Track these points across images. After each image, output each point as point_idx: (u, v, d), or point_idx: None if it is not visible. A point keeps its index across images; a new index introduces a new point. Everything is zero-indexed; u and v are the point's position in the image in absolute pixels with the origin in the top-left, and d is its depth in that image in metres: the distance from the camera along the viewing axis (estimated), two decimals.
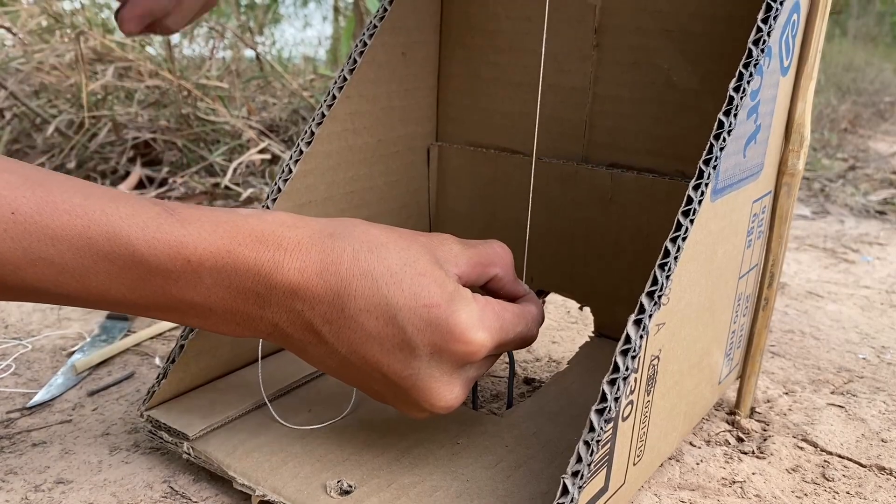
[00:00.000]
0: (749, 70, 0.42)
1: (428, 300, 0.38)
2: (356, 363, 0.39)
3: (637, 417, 0.41)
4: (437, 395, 0.40)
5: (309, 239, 0.38)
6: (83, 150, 1.27)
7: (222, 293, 0.38)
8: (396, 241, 0.40)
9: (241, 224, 0.38)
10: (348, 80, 0.55)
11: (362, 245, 0.39)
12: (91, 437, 0.53)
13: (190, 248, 0.36)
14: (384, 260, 0.38)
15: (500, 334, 0.40)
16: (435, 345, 0.38)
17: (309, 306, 0.38)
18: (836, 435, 0.56)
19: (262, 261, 0.37)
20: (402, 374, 0.39)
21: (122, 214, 0.35)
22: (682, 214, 0.40)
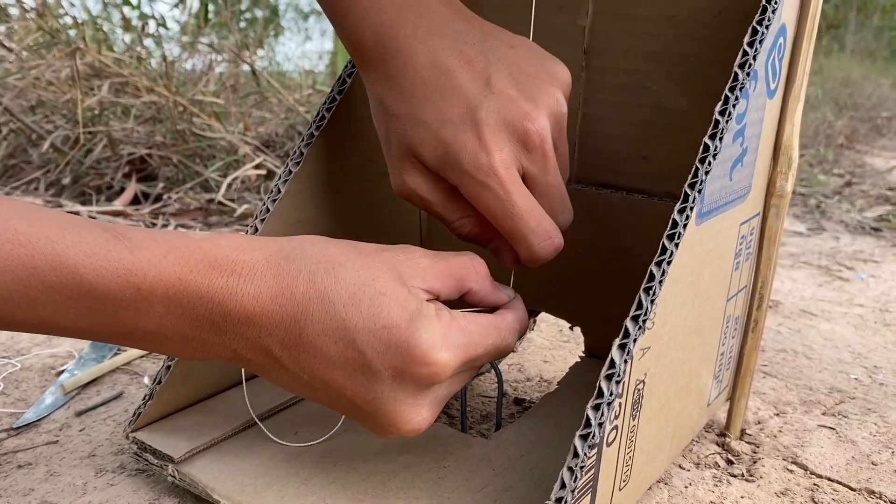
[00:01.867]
0: (734, 94, 0.42)
1: (387, 321, 0.36)
2: (319, 387, 0.38)
3: (622, 442, 0.41)
4: (403, 418, 0.38)
5: (264, 262, 0.37)
6: (78, 165, 1.27)
7: (176, 320, 0.36)
8: (355, 258, 0.38)
9: (193, 249, 0.36)
10: (337, 100, 0.55)
11: (318, 266, 0.37)
12: (77, 458, 0.52)
13: (139, 275, 0.35)
14: (341, 280, 0.37)
15: (466, 351, 0.38)
16: (396, 368, 0.37)
17: (266, 332, 0.37)
18: (826, 457, 0.56)
19: (215, 288, 0.36)
20: (365, 398, 0.38)
21: (69, 242, 0.34)
22: (666, 238, 0.40)
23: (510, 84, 0.43)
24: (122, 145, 1.33)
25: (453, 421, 0.59)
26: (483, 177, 0.41)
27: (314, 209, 0.55)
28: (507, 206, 0.42)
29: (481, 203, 0.42)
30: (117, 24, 1.93)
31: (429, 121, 0.43)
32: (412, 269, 0.39)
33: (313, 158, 0.54)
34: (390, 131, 0.45)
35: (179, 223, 1.18)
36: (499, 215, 0.42)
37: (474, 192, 0.42)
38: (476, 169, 0.41)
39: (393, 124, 0.45)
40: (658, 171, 0.56)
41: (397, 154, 0.45)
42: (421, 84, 0.43)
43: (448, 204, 0.45)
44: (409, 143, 0.44)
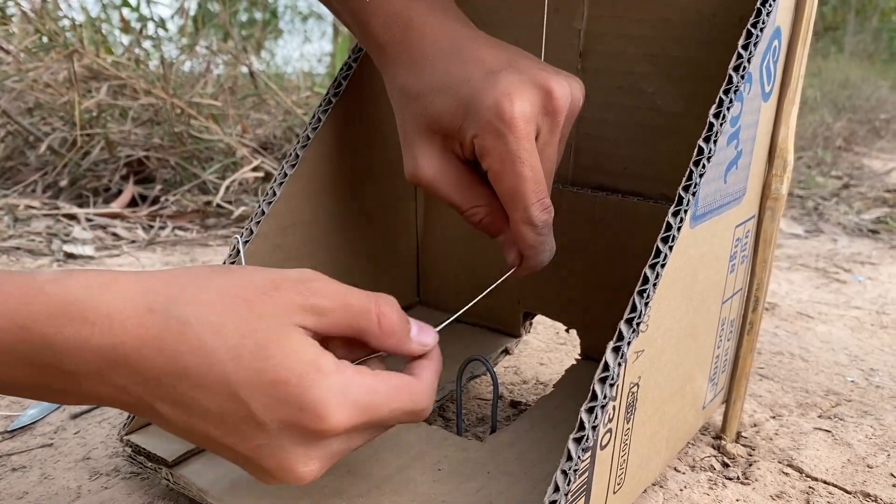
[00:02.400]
0: (729, 96, 0.42)
1: (274, 375, 0.32)
2: (198, 439, 0.35)
3: (616, 445, 0.41)
4: (289, 469, 0.34)
5: (121, 310, 0.32)
6: (76, 167, 1.27)
7: (25, 370, 0.32)
8: (237, 306, 0.33)
9: (36, 294, 0.32)
10: (333, 103, 0.55)
11: (191, 315, 0.33)
12: (72, 461, 0.52)
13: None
14: (218, 332, 0.33)
15: (367, 413, 0.35)
16: (284, 421, 0.33)
17: (133, 381, 0.33)
18: (821, 460, 0.56)
19: (63, 337, 0.32)
20: (249, 447, 0.34)
21: None
22: (661, 241, 0.40)
23: (534, 63, 0.43)
24: (120, 147, 1.33)
25: (449, 424, 0.59)
26: (501, 125, 0.41)
27: (310, 211, 0.55)
28: (516, 160, 0.42)
29: (491, 154, 0.42)
30: (116, 26, 1.93)
31: (450, 84, 0.43)
32: (305, 313, 0.35)
33: (309, 161, 0.54)
34: (409, 115, 0.45)
35: (177, 225, 1.18)
36: (504, 168, 0.42)
37: (488, 142, 0.42)
38: (496, 116, 0.41)
39: (412, 106, 0.45)
40: (654, 174, 0.56)
41: (414, 136, 0.45)
42: (440, 56, 0.44)
43: (463, 190, 0.45)
44: (430, 116, 0.44)
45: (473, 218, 0.47)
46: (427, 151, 0.45)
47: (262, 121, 1.59)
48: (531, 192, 0.42)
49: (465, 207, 0.46)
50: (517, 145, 0.41)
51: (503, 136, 0.41)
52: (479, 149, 0.43)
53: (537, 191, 0.43)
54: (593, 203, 0.59)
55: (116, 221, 1.17)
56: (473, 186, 0.45)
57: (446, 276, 0.70)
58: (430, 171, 0.45)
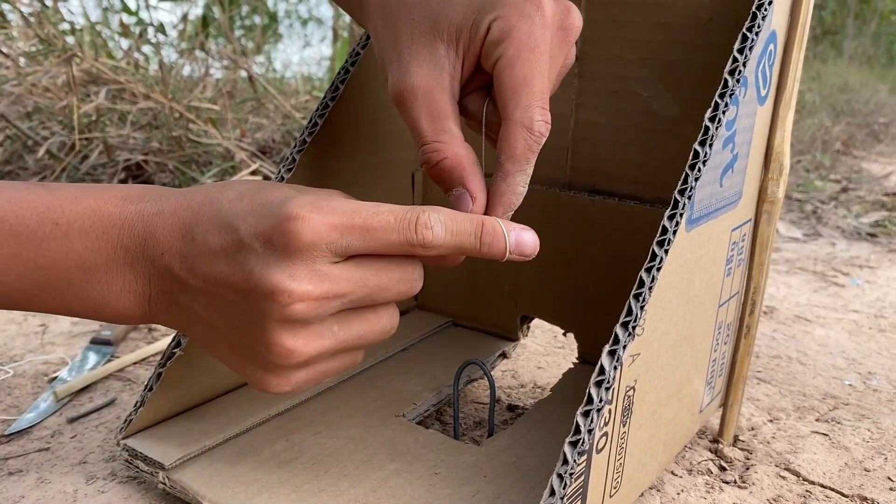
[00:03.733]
0: (724, 100, 0.42)
1: (262, 201, 0.37)
2: (207, 294, 0.37)
3: (612, 449, 0.41)
4: (278, 287, 0.35)
5: (171, 192, 0.39)
6: (74, 171, 1.27)
7: (93, 256, 0.37)
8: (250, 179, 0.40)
9: (110, 187, 0.39)
10: (330, 106, 0.55)
11: (215, 185, 0.39)
12: (68, 465, 0.52)
13: (57, 211, 0.37)
14: (232, 187, 0.39)
15: (343, 215, 0.35)
16: (264, 235, 0.35)
17: (166, 247, 0.38)
18: (819, 464, 0.56)
19: (125, 214, 0.38)
20: (241, 277, 0.36)
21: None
22: (656, 244, 0.40)
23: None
24: (119, 151, 1.33)
25: (446, 427, 0.59)
26: (530, 6, 0.39)
27: None
28: (535, 47, 0.39)
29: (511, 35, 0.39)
30: (116, 31, 1.94)
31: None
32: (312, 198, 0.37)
33: (306, 165, 0.54)
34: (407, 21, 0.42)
35: None
36: (521, 55, 0.39)
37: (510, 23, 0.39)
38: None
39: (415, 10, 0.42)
40: (650, 177, 0.57)
41: (411, 42, 0.41)
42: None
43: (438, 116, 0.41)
44: (437, 15, 0.41)
45: (432, 156, 0.41)
46: (420, 58, 0.41)
47: (261, 125, 1.59)
48: (538, 89, 0.39)
49: (429, 139, 0.41)
50: (542, 31, 0.39)
51: (530, 17, 0.39)
52: (497, 33, 0.39)
53: (542, 93, 0.40)
54: (589, 206, 0.59)
55: None
56: (449, 119, 0.41)
57: (444, 280, 0.70)
58: (416, 79, 0.41)
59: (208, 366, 0.52)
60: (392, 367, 0.62)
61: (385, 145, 0.62)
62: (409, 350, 0.66)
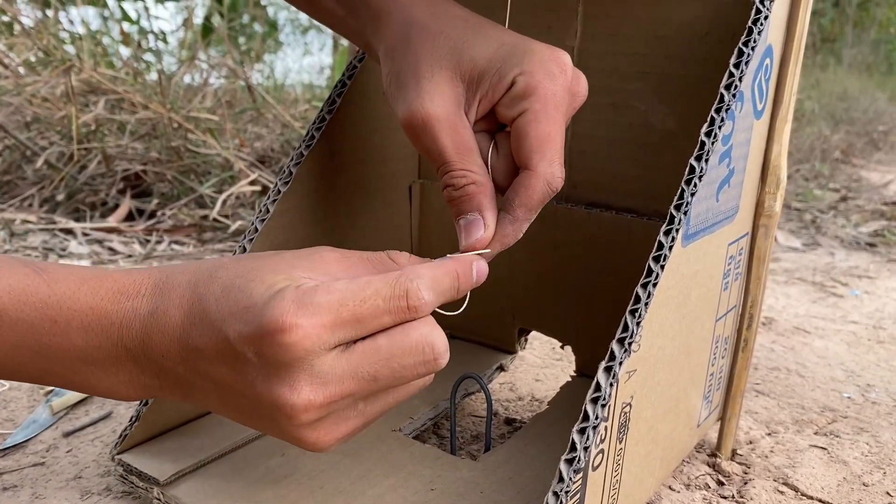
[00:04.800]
0: (720, 115, 0.42)
1: (247, 302, 0.34)
2: (220, 393, 0.37)
3: (609, 466, 0.40)
4: (281, 401, 0.34)
5: (164, 281, 0.37)
6: (73, 181, 1.27)
7: (95, 352, 0.37)
8: (244, 258, 0.38)
9: (105, 279, 0.37)
10: (327, 120, 0.55)
11: (203, 272, 0.37)
12: (63, 480, 0.52)
13: (55, 308, 0.36)
14: (219, 279, 0.36)
15: (329, 310, 0.34)
16: (254, 345, 0.34)
17: (164, 352, 0.36)
18: (817, 478, 0.55)
19: (122, 312, 0.36)
20: (245, 384, 0.35)
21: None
22: (652, 260, 0.40)
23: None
24: (117, 161, 1.33)
25: (443, 441, 0.59)
26: (555, 67, 0.41)
27: (303, 228, 0.55)
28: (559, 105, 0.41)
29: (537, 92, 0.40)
30: (117, 40, 1.94)
31: (485, 31, 0.43)
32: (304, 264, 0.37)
33: (303, 177, 0.54)
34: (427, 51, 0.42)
35: (173, 239, 1.18)
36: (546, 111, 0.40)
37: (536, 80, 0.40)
38: (552, 59, 0.41)
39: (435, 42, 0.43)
40: (647, 191, 0.56)
41: (431, 72, 0.42)
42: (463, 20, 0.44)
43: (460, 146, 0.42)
44: (459, 55, 0.42)
45: (461, 180, 0.42)
46: (441, 90, 0.42)
47: (260, 134, 1.59)
48: (559, 147, 0.41)
49: (456, 166, 0.42)
50: (563, 93, 0.41)
51: (555, 77, 0.41)
52: (522, 87, 0.40)
53: (561, 151, 0.41)
54: (587, 220, 0.59)
55: (113, 236, 1.17)
56: (475, 151, 0.42)
57: None
58: (439, 109, 0.41)
59: None
60: None
61: (382, 158, 0.62)
62: None
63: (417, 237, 0.69)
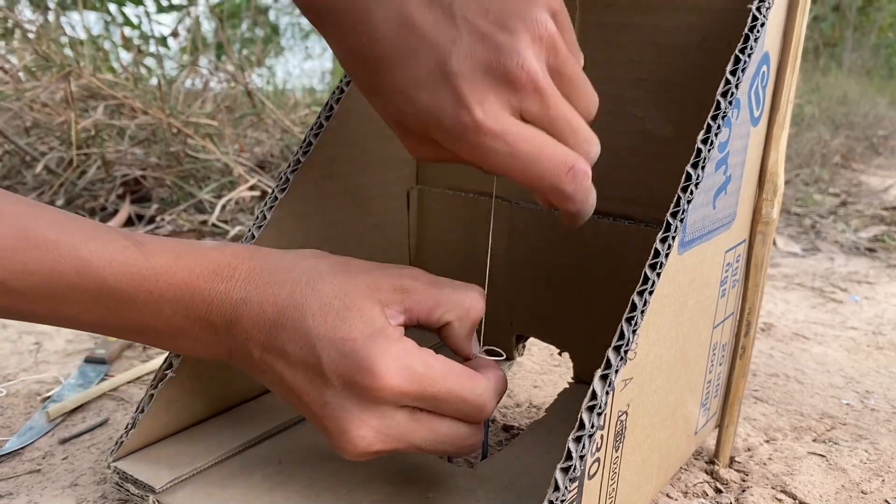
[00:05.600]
0: (717, 122, 0.42)
1: (346, 333, 0.38)
2: (287, 391, 0.40)
3: (605, 474, 0.40)
4: (345, 427, 0.38)
5: (259, 270, 0.40)
6: (72, 187, 1.27)
7: (181, 321, 0.40)
8: (339, 273, 0.40)
9: (201, 257, 0.40)
10: (325, 126, 0.55)
11: (302, 277, 0.40)
12: (59, 487, 0.52)
13: (152, 280, 0.39)
14: (317, 292, 0.39)
15: (420, 382, 0.38)
16: (344, 376, 0.38)
17: (249, 335, 0.40)
18: (815, 486, 0.55)
19: (215, 292, 0.40)
20: (318, 403, 0.39)
21: (91, 248, 0.38)
22: (648, 267, 0.40)
23: (480, 15, 0.37)
24: (117, 167, 1.33)
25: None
26: (473, 137, 0.37)
27: (301, 235, 0.55)
28: (510, 159, 0.37)
29: (484, 162, 0.38)
30: (118, 44, 1.94)
31: (401, 88, 0.38)
32: (393, 293, 0.40)
33: (300, 184, 0.54)
34: (377, 108, 0.42)
35: None
36: (506, 169, 0.38)
37: (471, 155, 0.38)
38: (463, 131, 0.37)
39: (375, 102, 0.42)
40: (644, 198, 0.56)
41: (393, 126, 0.42)
42: (383, 46, 0.38)
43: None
44: (393, 116, 0.40)
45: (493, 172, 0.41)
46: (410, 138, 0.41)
47: (260, 139, 1.60)
48: (547, 171, 0.38)
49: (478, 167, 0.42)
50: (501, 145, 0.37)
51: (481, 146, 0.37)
52: (467, 158, 0.39)
53: (552, 167, 0.38)
54: (584, 226, 0.58)
55: None
56: None
57: None
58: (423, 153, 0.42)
59: (200, 388, 0.52)
60: None
61: (380, 164, 0.62)
62: None
63: (415, 244, 0.69)
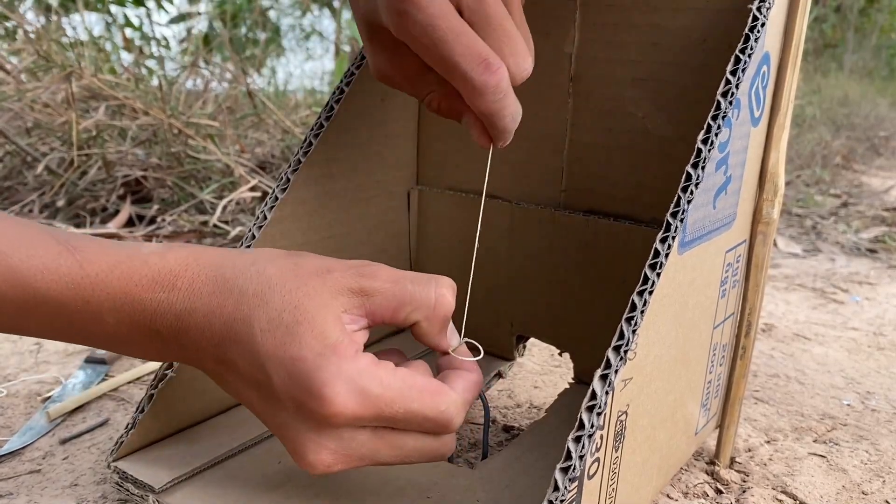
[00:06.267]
0: (717, 122, 0.42)
1: (296, 352, 0.35)
2: (247, 403, 0.39)
3: (605, 474, 0.40)
4: (302, 451, 0.37)
5: (203, 280, 0.38)
6: (73, 187, 1.27)
7: (126, 330, 0.38)
8: (288, 280, 0.37)
9: (140, 265, 0.38)
10: (325, 126, 0.55)
11: (249, 287, 0.37)
12: (59, 488, 0.52)
13: (88, 289, 0.37)
14: (266, 304, 0.37)
15: (376, 404, 0.36)
16: (296, 400, 0.36)
17: (199, 347, 0.38)
18: (816, 487, 0.55)
19: (156, 301, 0.38)
20: (273, 422, 0.38)
21: (22, 257, 0.36)
22: (648, 267, 0.40)
23: None
24: (118, 167, 1.33)
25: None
26: (407, 5, 0.37)
27: (301, 235, 0.55)
28: (429, 31, 0.37)
29: (410, 38, 0.38)
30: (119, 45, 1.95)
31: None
32: (352, 294, 0.38)
33: (300, 184, 0.54)
34: (357, 16, 0.43)
35: None
36: (425, 45, 0.38)
37: (401, 27, 0.38)
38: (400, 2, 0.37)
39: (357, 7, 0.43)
40: (645, 198, 0.56)
41: (367, 36, 0.43)
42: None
43: (413, 79, 0.43)
44: (371, 15, 0.41)
45: (432, 105, 0.44)
46: (374, 48, 0.43)
47: (261, 140, 1.60)
48: (460, 56, 0.38)
49: (421, 96, 0.44)
50: (422, 16, 0.37)
51: (408, 14, 0.37)
52: (404, 39, 0.39)
53: (467, 54, 0.38)
54: (584, 226, 0.59)
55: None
56: (423, 73, 0.43)
57: None
58: (383, 66, 0.43)
59: (200, 388, 0.52)
60: None
61: (380, 164, 0.62)
62: None
63: (416, 244, 0.69)
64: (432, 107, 0.45)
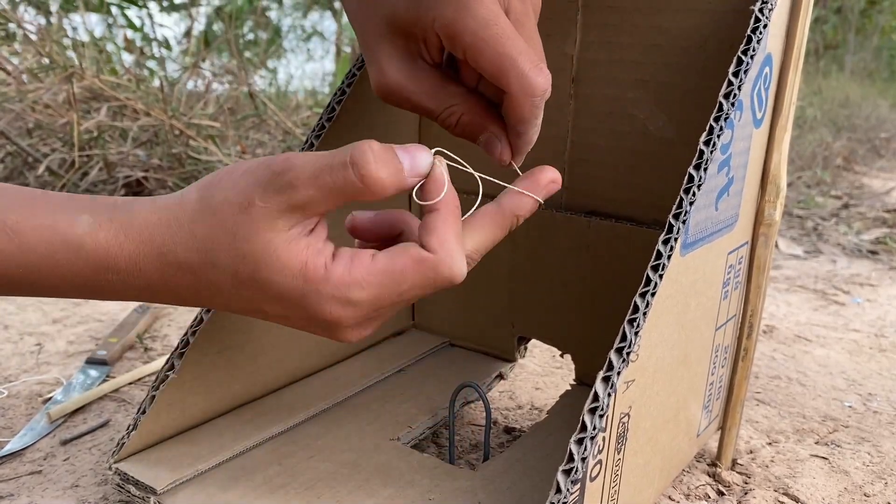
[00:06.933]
0: (719, 124, 0.42)
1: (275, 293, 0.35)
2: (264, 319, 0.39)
3: (607, 476, 0.40)
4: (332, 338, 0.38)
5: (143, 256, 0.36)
6: (74, 188, 1.27)
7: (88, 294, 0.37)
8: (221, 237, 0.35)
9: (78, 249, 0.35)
10: (326, 127, 0.55)
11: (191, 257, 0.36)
12: (60, 489, 0.52)
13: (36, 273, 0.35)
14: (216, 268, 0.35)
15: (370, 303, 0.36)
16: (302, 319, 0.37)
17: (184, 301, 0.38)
18: (818, 488, 0.55)
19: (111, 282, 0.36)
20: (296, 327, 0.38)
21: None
22: (651, 269, 0.39)
23: None
24: (119, 168, 1.33)
25: (442, 450, 0.59)
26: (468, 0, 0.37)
27: None
28: (492, 26, 0.37)
29: (458, 30, 0.38)
30: (120, 46, 1.95)
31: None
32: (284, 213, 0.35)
33: None
34: (366, 19, 0.42)
35: None
36: (483, 39, 0.38)
37: (448, 17, 0.38)
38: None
39: (367, 8, 0.42)
40: (646, 199, 0.56)
41: (375, 41, 0.42)
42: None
43: (434, 92, 0.42)
44: (386, 16, 0.41)
45: (451, 119, 0.43)
46: (391, 55, 0.42)
47: (262, 141, 1.60)
48: (520, 53, 0.38)
49: (439, 111, 0.42)
50: (485, 11, 0.38)
51: (466, 6, 0.37)
52: (445, 33, 0.39)
53: (527, 53, 0.38)
54: (586, 228, 0.59)
55: None
56: (445, 86, 0.42)
57: (440, 300, 0.70)
58: (397, 76, 0.42)
59: (201, 389, 0.52)
60: (387, 390, 0.62)
61: None
62: (405, 372, 0.65)
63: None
64: (451, 121, 0.43)
